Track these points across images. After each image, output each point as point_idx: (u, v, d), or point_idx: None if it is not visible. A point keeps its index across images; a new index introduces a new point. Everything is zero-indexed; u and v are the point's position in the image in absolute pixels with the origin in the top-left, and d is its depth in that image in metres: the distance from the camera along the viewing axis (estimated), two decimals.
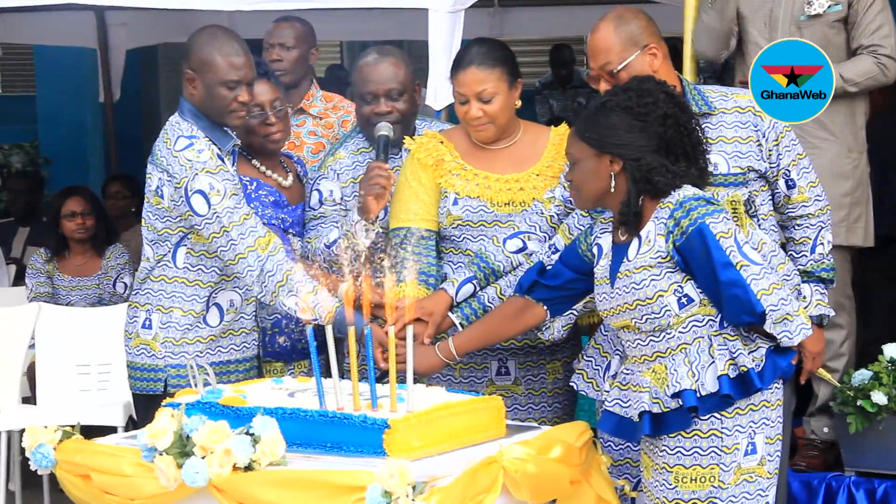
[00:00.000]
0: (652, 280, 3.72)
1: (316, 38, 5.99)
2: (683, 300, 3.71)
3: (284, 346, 4.74)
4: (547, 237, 4.30)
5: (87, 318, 6.63)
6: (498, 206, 4.42)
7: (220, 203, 4.27)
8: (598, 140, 3.77)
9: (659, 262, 3.72)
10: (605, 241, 3.91)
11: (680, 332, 3.73)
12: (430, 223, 4.45)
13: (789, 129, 4.22)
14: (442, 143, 4.50)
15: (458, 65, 4.41)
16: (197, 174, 4.28)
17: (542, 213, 4.33)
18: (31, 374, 6.60)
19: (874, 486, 4.89)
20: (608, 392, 3.96)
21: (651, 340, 3.77)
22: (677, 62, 5.25)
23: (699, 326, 3.72)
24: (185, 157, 4.30)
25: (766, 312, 3.65)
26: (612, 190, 3.77)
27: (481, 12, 8.59)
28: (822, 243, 4.22)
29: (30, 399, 6.59)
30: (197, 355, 4.39)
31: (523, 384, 4.52)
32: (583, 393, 4.24)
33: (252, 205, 4.58)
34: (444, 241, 4.49)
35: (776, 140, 4.17)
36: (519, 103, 4.45)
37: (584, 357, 4.28)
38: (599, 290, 3.88)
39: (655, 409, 3.73)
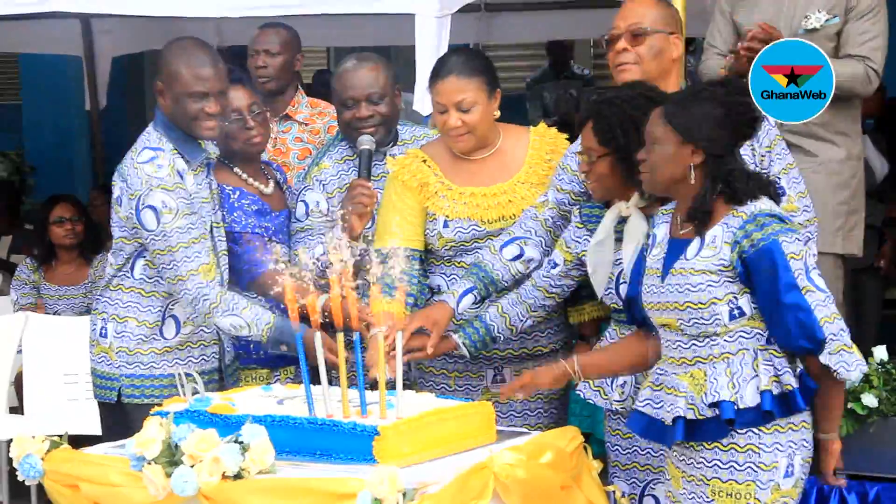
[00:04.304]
0: (709, 285, 3.58)
1: (301, 44, 5.98)
2: (735, 312, 3.59)
3: (270, 352, 4.71)
4: (543, 242, 4.28)
5: (75, 327, 6.59)
6: (489, 223, 4.40)
7: (170, 222, 4.24)
8: (685, 127, 3.60)
9: (720, 270, 3.58)
10: (661, 232, 3.76)
11: (725, 340, 3.61)
12: (415, 243, 4.44)
13: (780, 137, 4.23)
14: (425, 161, 4.46)
15: (437, 74, 4.38)
16: (151, 189, 4.25)
17: (537, 217, 4.31)
18: (18, 383, 6.57)
19: (866, 490, 4.87)
20: (639, 391, 3.81)
21: (693, 345, 3.64)
22: None
23: (746, 338, 3.60)
24: (144, 170, 4.27)
25: (826, 340, 3.54)
26: (692, 181, 3.61)
27: (468, 17, 8.56)
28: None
29: (17, 409, 6.56)
30: (153, 366, 4.37)
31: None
32: (590, 401, 4.19)
33: (235, 213, 4.57)
34: (435, 257, 4.48)
35: (769, 146, 4.16)
36: (498, 113, 4.43)
37: None
38: (648, 281, 3.73)
39: (690, 416, 3.61)
